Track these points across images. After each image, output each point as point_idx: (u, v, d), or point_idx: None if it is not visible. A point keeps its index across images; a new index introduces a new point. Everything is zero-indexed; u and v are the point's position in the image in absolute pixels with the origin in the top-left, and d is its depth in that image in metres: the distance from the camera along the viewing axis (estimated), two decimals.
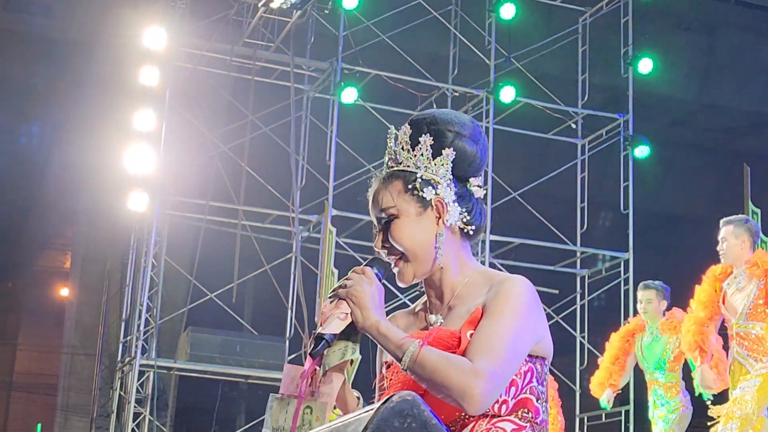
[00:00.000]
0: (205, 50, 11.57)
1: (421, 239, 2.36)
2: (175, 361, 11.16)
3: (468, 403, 2.16)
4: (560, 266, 12.57)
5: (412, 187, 2.37)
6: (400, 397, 1.78)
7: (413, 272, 2.38)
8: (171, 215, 11.34)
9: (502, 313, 2.27)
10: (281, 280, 11.60)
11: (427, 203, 2.36)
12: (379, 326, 2.23)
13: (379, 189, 2.40)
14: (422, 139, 2.38)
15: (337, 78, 11.41)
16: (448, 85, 12.39)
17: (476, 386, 2.16)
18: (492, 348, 2.21)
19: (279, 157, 11.81)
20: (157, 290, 11.19)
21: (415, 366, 2.18)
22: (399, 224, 2.36)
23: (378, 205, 2.39)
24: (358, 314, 2.24)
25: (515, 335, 2.26)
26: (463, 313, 2.34)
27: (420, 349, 2.19)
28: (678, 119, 15.85)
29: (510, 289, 2.30)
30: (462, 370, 2.17)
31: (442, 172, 2.38)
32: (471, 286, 2.38)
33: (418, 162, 2.38)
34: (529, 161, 13.62)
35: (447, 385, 2.16)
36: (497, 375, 2.21)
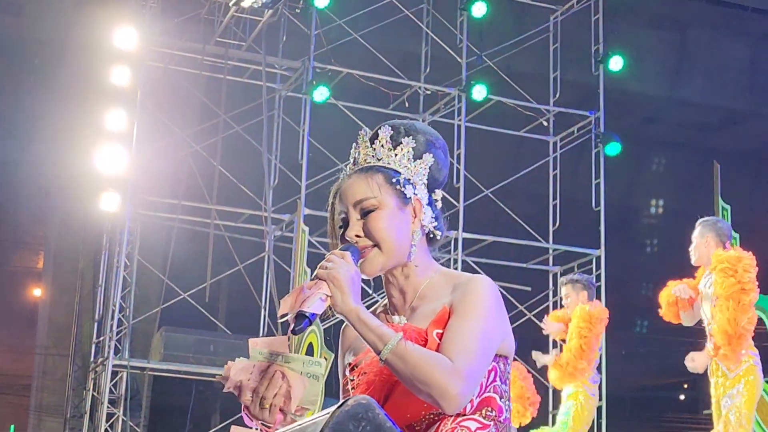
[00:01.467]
0: (176, 49, 11.55)
1: (398, 233, 2.39)
2: (148, 361, 11.15)
3: (447, 403, 2.19)
4: (533, 263, 12.63)
5: (396, 182, 2.40)
6: (355, 400, 1.80)
7: (382, 264, 2.39)
8: (143, 215, 11.32)
9: (471, 313, 2.30)
10: (254, 279, 11.61)
11: (407, 200, 2.40)
12: (359, 312, 2.23)
13: (358, 180, 2.42)
14: (404, 140, 2.43)
15: (309, 77, 11.42)
16: (420, 84, 12.42)
17: (456, 386, 2.18)
18: (467, 348, 2.24)
19: (251, 156, 11.81)
20: (130, 290, 11.17)
21: (395, 359, 2.19)
22: (380, 215, 2.38)
23: (356, 195, 2.40)
24: (338, 297, 2.23)
25: (486, 335, 2.29)
26: (428, 312, 2.36)
27: (402, 342, 2.20)
28: (649, 116, 15.95)
29: (477, 289, 2.34)
30: (444, 368, 2.19)
31: (420, 175, 2.43)
32: (433, 287, 2.41)
33: (400, 161, 2.42)
34: (501, 159, 13.66)
35: (428, 382, 2.17)
36: (474, 375, 2.25)
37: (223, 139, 11.67)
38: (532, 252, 12.59)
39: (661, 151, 16.38)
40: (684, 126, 16.33)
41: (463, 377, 2.19)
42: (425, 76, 12.62)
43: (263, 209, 11.43)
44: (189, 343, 11.06)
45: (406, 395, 2.26)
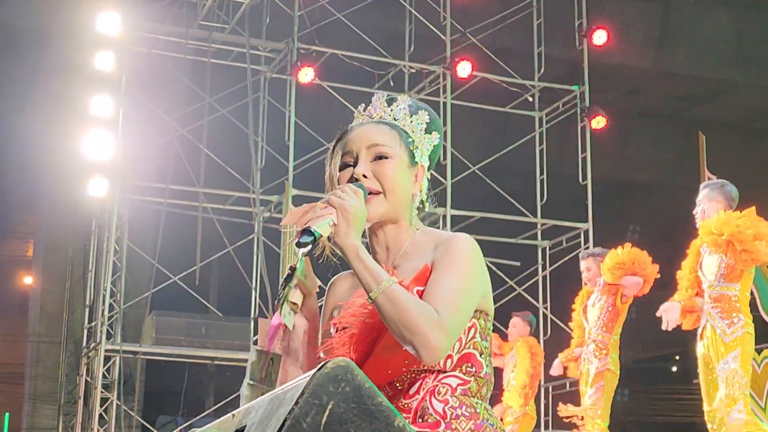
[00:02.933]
0: (160, 34, 11.54)
1: (405, 187, 2.43)
2: (140, 345, 11.18)
3: (427, 353, 2.20)
4: (521, 238, 12.68)
5: (410, 142, 2.45)
6: (334, 363, 1.83)
7: (383, 212, 2.41)
8: (131, 200, 11.33)
9: (453, 268, 2.32)
10: (244, 260, 11.63)
11: (414, 163, 2.45)
12: (358, 248, 2.24)
13: (377, 127, 2.46)
14: (421, 112, 2.49)
15: (293, 58, 11.42)
16: (405, 62, 12.42)
17: (438, 337, 2.20)
18: (449, 302, 2.26)
19: (238, 138, 11.82)
20: (121, 275, 11.19)
21: (386, 300, 2.20)
22: (393, 163, 2.41)
23: (373, 138, 2.43)
24: (343, 228, 2.24)
25: (467, 290, 2.32)
26: (410, 270, 2.38)
27: (395, 285, 2.22)
28: (634, 89, 15.97)
29: (458, 246, 2.37)
30: (430, 318, 2.20)
31: (426, 147, 2.49)
32: (416, 245, 2.44)
33: (414, 128, 2.48)
34: (488, 135, 13.70)
35: (413, 328, 2.19)
36: (455, 329, 2.27)
37: (209, 122, 11.68)
38: (521, 227, 12.64)
39: (647, 123, 16.41)
40: (669, 98, 16.36)
41: (445, 330, 2.22)
42: (409, 54, 12.62)
43: (251, 191, 11.45)
44: (180, 326, 11.07)
45: (388, 351, 2.29)
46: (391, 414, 1.82)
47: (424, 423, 2.29)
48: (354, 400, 1.80)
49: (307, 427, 1.76)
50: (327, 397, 1.79)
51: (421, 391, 2.31)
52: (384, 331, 2.29)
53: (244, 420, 2.03)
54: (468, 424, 2.29)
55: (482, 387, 2.38)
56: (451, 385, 2.32)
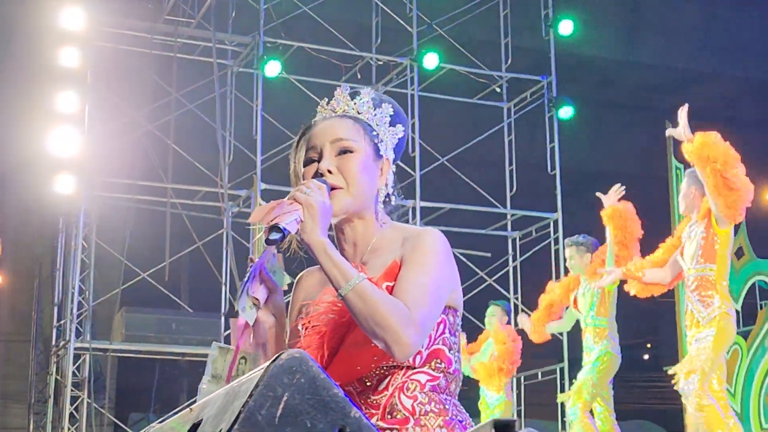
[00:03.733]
0: (125, 29, 11.46)
1: (369, 182, 2.42)
2: (110, 343, 11.11)
3: (398, 349, 2.20)
4: (491, 229, 12.71)
5: (375, 135, 2.45)
6: (289, 354, 1.81)
7: (348, 206, 2.39)
8: (99, 196, 11.26)
9: (422, 264, 2.32)
10: (214, 256, 11.59)
11: (379, 156, 2.45)
12: (325, 245, 2.23)
13: (341, 121, 2.45)
14: (384, 105, 2.49)
15: (260, 52, 11.37)
16: (372, 54, 12.40)
17: (410, 333, 2.20)
18: (419, 298, 2.25)
19: (205, 133, 11.77)
20: (89, 272, 11.13)
21: (356, 297, 2.19)
22: (357, 157, 2.40)
23: (337, 133, 2.42)
24: (309, 224, 2.23)
25: (436, 286, 2.32)
26: (379, 266, 2.38)
27: (364, 282, 2.21)
28: (603, 79, 16.01)
29: (427, 241, 2.36)
30: (402, 314, 2.20)
31: (391, 140, 2.49)
32: (384, 240, 2.44)
33: (379, 121, 2.47)
34: (456, 127, 13.69)
35: (384, 324, 2.18)
36: (426, 324, 2.27)
37: (176, 118, 11.61)
38: (490, 218, 12.66)
39: (617, 113, 16.46)
40: (639, 88, 16.41)
41: (416, 325, 2.21)
42: (376, 46, 12.60)
43: (219, 186, 11.40)
44: (150, 323, 11.03)
45: (357, 347, 2.28)
46: (347, 405, 1.81)
47: (393, 419, 2.29)
48: (309, 392, 1.79)
49: (262, 419, 1.75)
50: (282, 389, 1.78)
51: (390, 388, 2.31)
52: (353, 327, 2.29)
53: (201, 414, 2.01)
54: (437, 421, 2.30)
55: (451, 383, 2.38)
56: (420, 381, 2.32)
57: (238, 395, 1.84)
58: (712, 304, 6.46)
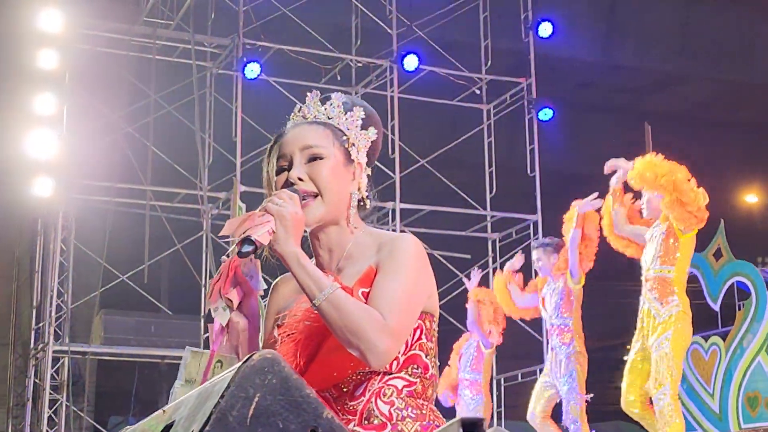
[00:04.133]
0: (103, 31, 11.43)
1: (341, 188, 2.41)
2: (89, 346, 11.08)
3: (374, 357, 2.20)
4: (471, 231, 12.72)
5: (345, 140, 2.43)
6: (261, 355, 1.82)
7: (322, 215, 2.39)
8: (78, 199, 11.21)
9: (398, 271, 2.31)
10: (193, 258, 11.56)
11: (350, 161, 2.44)
12: (298, 255, 2.23)
13: (310, 128, 2.44)
14: (355, 109, 2.48)
15: (239, 54, 11.36)
16: (352, 56, 12.41)
17: (385, 341, 2.20)
18: (395, 305, 2.25)
19: (185, 135, 11.73)
20: (68, 275, 11.08)
21: (329, 307, 2.19)
22: (327, 164, 2.39)
23: (306, 140, 2.41)
24: (282, 236, 2.23)
25: (412, 292, 2.32)
26: (354, 273, 2.37)
27: (338, 291, 2.21)
28: (582, 81, 16.04)
29: (402, 247, 2.36)
30: (376, 322, 2.20)
31: (364, 143, 2.47)
32: (359, 246, 2.43)
33: (349, 125, 2.46)
34: (436, 128, 13.71)
35: (359, 333, 2.18)
36: (401, 331, 2.27)
37: (155, 120, 11.58)
38: (470, 220, 12.68)
39: (595, 115, 16.50)
40: (617, 90, 16.46)
41: (391, 333, 2.21)
42: (356, 48, 12.61)
43: (199, 188, 11.38)
44: (129, 326, 11.00)
45: (333, 353, 2.28)
46: (319, 406, 1.81)
47: (370, 425, 2.29)
48: (281, 392, 1.79)
49: (234, 420, 1.75)
50: (253, 390, 1.78)
51: (367, 393, 2.31)
52: (329, 334, 2.28)
53: (174, 415, 2.02)
54: (414, 426, 2.29)
55: (428, 388, 2.37)
56: (397, 387, 2.32)
57: (210, 396, 1.84)
58: (670, 302, 6.52)
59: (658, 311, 6.55)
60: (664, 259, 6.61)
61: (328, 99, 2.50)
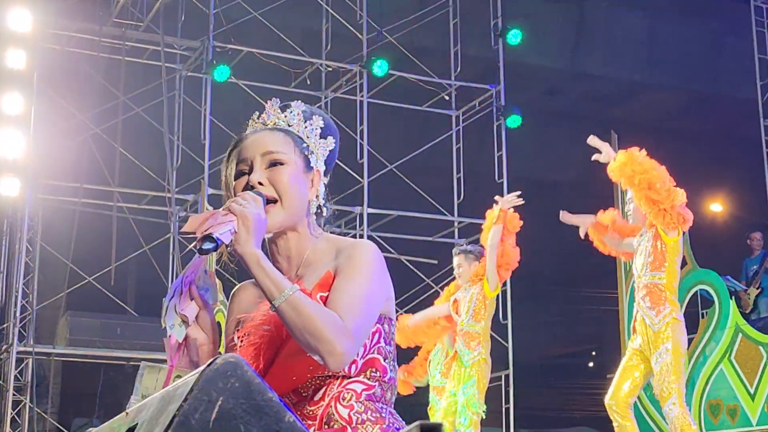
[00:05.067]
0: (72, 31, 11.38)
1: (301, 193, 2.42)
2: (54, 347, 11.01)
3: (333, 359, 2.21)
4: (438, 237, 12.75)
5: (305, 147, 2.45)
6: (224, 359, 1.83)
7: (283, 220, 2.40)
8: (44, 199, 11.16)
9: (356, 274, 2.33)
10: (160, 260, 11.52)
11: (310, 168, 2.45)
12: (259, 257, 2.23)
13: (271, 134, 2.44)
14: (315, 117, 2.49)
15: (209, 56, 11.35)
16: (322, 61, 12.42)
17: (344, 344, 2.20)
18: (353, 308, 2.27)
19: (153, 137, 11.70)
20: (33, 276, 11.01)
21: (289, 308, 2.19)
22: (288, 170, 2.40)
23: (266, 145, 2.41)
24: (243, 236, 2.22)
25: (371, 296, 2.33)
26: (314, 279, 2.38)
27: (297, 293, 2.21)
28: (550, 89, 16.14)
29: (361, 252, 2.37)
30: (334, 325, 2.20)
31: (321, 152, 2.49)
32: (318, 252, 2.44)
33: (309, 133, 2.48)
34: (405, 134, 13.75)
35: (318, 336, 2.18)
36: (360, 334, 2.28)
37: (123, 121, 11.54)
38: (438, 225, 12.71)
39: (563, 122, 16.58)
40: (584, 98, 16.55)
41: (350, 335, 2.22)
42: (326, 53, 12.63)
43: (167, 190, 11.35)
44: (95, 327, 10.93)
45: (292, 357, 2.29)
46: (281, 410, 1.82)
47: (330, 429, 2.30)
48: (244, 396, 1.80)
49: (196, 423, 1.76)
50: (216, 393, 1.78)
51: (326, 398, 2.31)
52: (288, 338, 2.29)
53: (137, 418, 2.02)
54: (374, 429, 2.30)
55: (387, 391, 2.39)
56: (356, 391, 2.33)
57: (173, 399, 1.85)
58: (662, 311, 6.58)
59: (652, 320, 6.61)
60: (654, 266, 6.66)
61: (288, 107, 2.51)
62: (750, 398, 9.28)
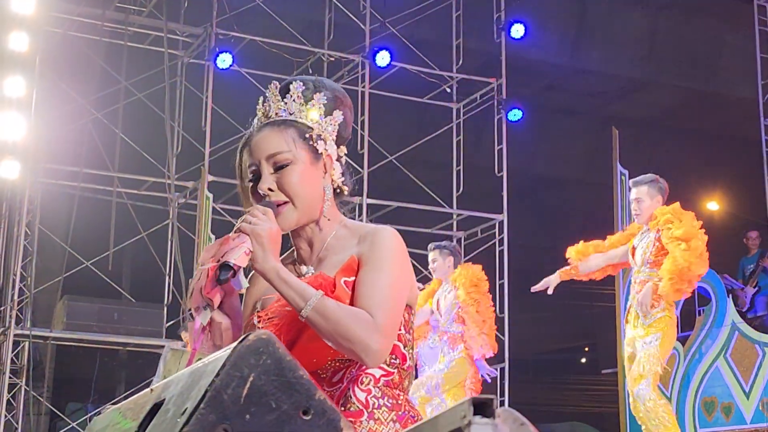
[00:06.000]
0: (75, 15, 11.35)
1: (312, 188, 2.40)
2: (51, 331, 11.00)
3: (369, 357, 2.22)
4: (437, 229, 12.76)
5: (309, 137, 2.40)
6: (256, 335, 1.83)
7: (297, 219, 2.39)
8: (44, 183, 11.14)
9: (382, 264, 2.32)
10: (158, 246, 11.53)
11: (318, 156, 2.41)
12: (278, 270, 2.24)
13: (272, 133, 2.40)
14: (316, 96, 2.43)
15: (211, 43, 11.34)
16: (324, 50, 12.41)
17: (378, 341, 2.22)
18: (382, 302, 2.27)
19: (154, 123, 11.68)
20: (32, 259, 10.99)
21: (317, 316, 2.20)
22: (294, 169, 2.37)
23: (269, 149, 2.39)
24: (260, 254, 2.23)
25: (398, 286, 2.33)
26: (336, 262, 2.38)
27: (323, 299, 2.22)
28: (551, 84, 16.14)
29: (384, 241, 2.37)
30: (365, 324, 2.21)
31: (330, 131, 2.44)
32: (340, 238, 2.44)
33: (313, 116, 2.43)
34: (405, 125, 13.76)
35: (350, 337, 2.20)
36: (392, 328, 2.28)
37: (124, 107, 11.52)
38: (437, 217, 12.72)
39: (563, 117, 16.60)
40: (584, 94, 16.56)
41: (382, 332, 2.23)
42: (329, 42, 12.61)
43: (166, 176, 11.34)
44: (92, 312, 10.91)
45: (313, 341, 2.28)
46: (312, 387, 1.82)
47: (347, 412, 2.30)
48: (275, 373, 1.80)
49: (228, 398, 1.77)
50: (248, 369, 1.79)
51: (344, 380, 2.32)
52: None
53: (163, 394, 2.03)
54: (390, 415, 2.31)
55: (404, 379, 2.39)
56: (375, 376, 2.33)
57: (203, 375, 1.85)
58: (657, 306, 6.61)
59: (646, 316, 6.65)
60: (654, 263, 6.70)
61: (287, 90, 2.45)
62: (745, 396, 9.31)
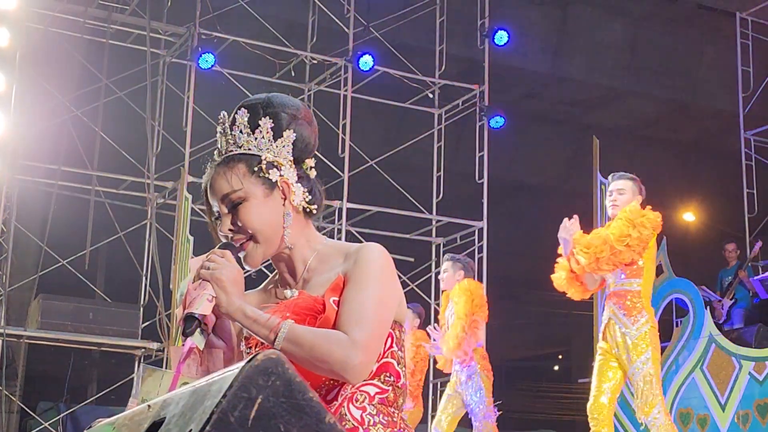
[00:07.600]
0: (57, 11, 11.25)
1: (271, 220, 2.37)
2: (25, 329, 10.90)
3: (350, 374, 2.20)
4: (416, 234, 12.75)
5: (258, 170, 2.36)
6: (265, 355, 1.79)
7: (262, 253, 2.38)
8: (21, 180, 11.04)
9: (367, 282, 2.30)
10: (135, 246, 11.45)
11: (273, 185, 2.37)
12: (245, 310, 2.23)
13: (220, 174, 2.37)
14: (262, 122, 2.37)
15: (194, 43, 11.28)
16: (307, 53, 12.38)
17: (356, 357, 2.19)
18: (364, 318, 2.25)
19: (134, 122, 11.61)
20: (6, 257, 10.89)
21: (290, 345, 2.19)
22: (248, 207, 2.35)
23: (222, 190, 2.36)
24: (223, 298, 2.22)
25: (382, 303, 2.31)
26: (323, 281, 2.36)
27: (293, 327, 2.20)
28: (531, 91, 16.17)
29: (369, 257, 2.34)
30: (340, 342, 2.20)
31: (284, 154, 2.39)
32: (323, 258, 2.42)
33: (260, 144, 2.38)
34: (387, 130, 13.74)
35: (327, 359, 2.18)
36: (373, 343, 2.26)
37: (105, 105, 11.44)
38: (416, 223, 12.71)
39: (543, 125, 16.64)
40: (564, 102, 16.61)
41: (361, 347, 2.21)
42: (312, 45, 12.58)
43: (146, 176, 11.27)
44: (67, 311, 10.81)
45: None
46: (321, 410, 1.79)
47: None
48: (284, 395, 1.76)
49: (235, 421, 1.72)
50: (256, 391, 1.75)
51: (339, 398, 2.30)
52: None
53: (162, 412, 1.98)
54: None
55: (399, 397, 2.38)
56: (369, 393, 2.33)
57: (208, 395, 1.81)
58: (639, 320, 6.56)
59: (629, 329, 6.57)
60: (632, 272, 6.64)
61: (234, 121, 2.39)
62: (720, 408, 9.34)
